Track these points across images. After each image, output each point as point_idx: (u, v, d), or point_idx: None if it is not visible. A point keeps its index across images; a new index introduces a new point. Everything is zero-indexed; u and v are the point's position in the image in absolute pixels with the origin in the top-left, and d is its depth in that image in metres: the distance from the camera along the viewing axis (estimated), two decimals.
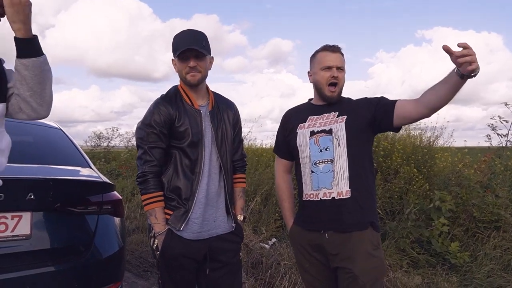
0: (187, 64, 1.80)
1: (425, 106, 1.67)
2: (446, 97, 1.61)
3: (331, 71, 1.86)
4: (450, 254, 3.66)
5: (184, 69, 1.82)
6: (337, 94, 1.89)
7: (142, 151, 1.81)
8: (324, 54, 1.90)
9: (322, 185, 1.83)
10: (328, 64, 1.87)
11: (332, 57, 1.88)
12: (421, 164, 4.66)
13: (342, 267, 1.78)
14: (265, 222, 4.80)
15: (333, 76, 1.85)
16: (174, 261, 1.79)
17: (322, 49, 1.92)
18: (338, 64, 1.87)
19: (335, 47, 1.90)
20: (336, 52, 1.89)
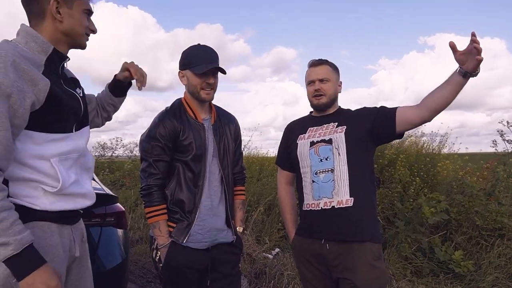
0: (205, 80, 1.82)
1: (427, 108, 1.72)
2: (448, 98, 1.67)
3: (314, 84, 1.95)
4: (454, 263, 3.65)
5: (200, 84, 1.83)
6: (326, 102, 1.95)
7: (147, 163, 1.84)
8: (309, 70, 2.01)
9: (323, 194, 1.85)
10: (310, 78, 1.98)
11: (314, 71, 1.97)
12: (423, 172, 4.66)
13: (344, 278, 1.80)
14: (268, 232, 4.81)
15: (315, 89, 1.94)
16: (177, 273, 1.81)
17: (308, 66, 2.03)
18: (319, 76, 1.95)
19: (318, 61, 1.99)
20: (320, 65, 1.98)
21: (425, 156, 4.98)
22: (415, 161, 4.82)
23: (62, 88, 1.32)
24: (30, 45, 1.26)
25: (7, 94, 1.11)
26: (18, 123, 1.16)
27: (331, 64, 2.00)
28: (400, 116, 1.78)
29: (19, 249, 1.09)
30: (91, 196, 1.43)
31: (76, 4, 1.33)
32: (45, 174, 1.25)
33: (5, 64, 1.12)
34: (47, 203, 1.26)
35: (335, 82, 1.98)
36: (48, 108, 1.23)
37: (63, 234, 1.34)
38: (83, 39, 1.39)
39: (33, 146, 1.22)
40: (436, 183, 4.68)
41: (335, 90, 1.97)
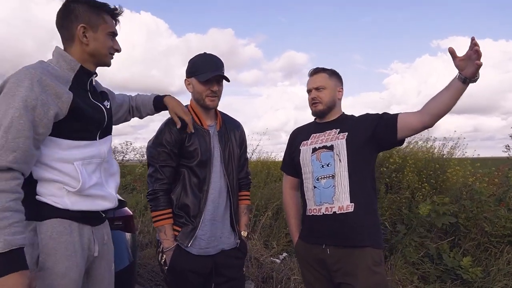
0: (210, 88, 1.88)
1: (428, 113, 1.74)
2: (448, 104, 1.69)
3: (311, 93, 2.03)
4: (462, 269, 3.61)
5: (205, 91, 1.89)
6: (322, 109, 2.01)
7: (153, 169, 1.89)
8: (308, 79, 2.08)
9: (324, 200, 1.89)
10: (308, 87, 2.06)
11: (311, 80, 2.05)
12: (432, 178, 4.64)
13: (344, 282, 1.82)
14: (276, 236, 4.82)
15: (312, 98, 2.02)
16: (182, 276, 1.85)
17: (308, 75, 2.09)
18: (315, 85, 2.01)
19: (315, 70, 2.06)
20: (316, 74, 2.04)
21: (434, 162, 4.95)
22: (424, 166, 4.80)
23: (88, 101, 1.49)
24: (61, 64, 1.45)
25: (32, 106, 1.27)
26: (43, 132, 1.32)
27: (328, 72, 2.04)
28: (401, 122, 1.80)
29: (5, 249, 1.17)
30: (112, 199, 1.55)
31: (101, 28, 1.49)
32: (68, 175, 1.39)
33: (31, 81, 1.29)
34: (69, 202, 1.40)
35: (333, 89, 2.01)
36: (72, 119, 1.39)
37: (83, 233, 1.46)
38: (107, 59, 1.56)
39: (58, 151, 1.39)
40: (445, 189, 4.65)
41: (332, 96, 2.01)
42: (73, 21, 1.46)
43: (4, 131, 1.23)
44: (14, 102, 1.26)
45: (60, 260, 1.35)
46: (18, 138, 1.24)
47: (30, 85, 1.28)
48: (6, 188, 1.21)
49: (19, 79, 1.29)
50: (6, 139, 1.23)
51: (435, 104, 1.72)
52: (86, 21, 1.46)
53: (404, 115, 1.82)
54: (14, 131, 1.23)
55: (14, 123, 1.24)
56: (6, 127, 1.23)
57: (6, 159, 1.22)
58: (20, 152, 1.24)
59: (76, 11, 1.46)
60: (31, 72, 1.31)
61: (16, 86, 1.28)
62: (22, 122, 1.25)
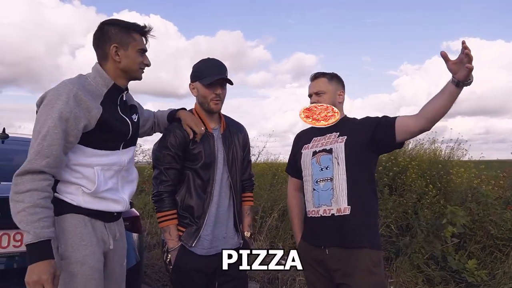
0: (214, 91, 1.93)
1: (424, 117, 1.75)
2: (443, 107, 1.69)
3: (311, 98, 2.09)
4: (467, 272, 3.62)
5: (210, 95, 1.94)
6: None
7: (158, 171, 1.95)
8: (309, 85, 2.14)
9: (323, 202, 1.92)
10: (309, 92, 2.12)
11: (311, 85, 2.11)
12: (436, 179, 4.63)
13: (343, 283, 1.85)
14: (282, 238, 4.85)
15: (312, 103, 2.07)
16: (186, 275, 1.91)
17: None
18: (314, 90, 2.07)
19: (315, 75, 2.11)
20: (315, 79, 2.09)
21: (437, 163, 4.93)
22: (428, 168, 4.79)
23: (116, 115, 1.65)
24: (97, 80, 1.62)
25: (66, 118, 1.46)
26: (72, 141, 1.50)
27: (328, 76, 2.08)
28: (399, 126, 1.82)
29: (34, 240, 1.36)
30: (123, 204, 1.71)
31: (131, 46, 1.65)
32: (86, 178, 1.57)
33: (68, 95, 1.47)
34: (82, 201, 1.57)
35: (333, 93, 2.05)
36: (98, 131, 1.56)
37: (95, 227, 1.61)
38: (138, 73, 1.71)
39: (83, 157, 1.56)
40: (450, 191, 4.63)
41: (332, 100, 2.05)
42: (106, 41, 1.62)
43: (42, 139, 1.43)
44: (52, 113, 1.44)
45: (77, 250, 1.51)
46: (52, 145, 1.43)
47: (66, 99, 1.46)
48: (38, 187, 1.40)
49: (59, 93, 1.48)
50: (42, 146, 1.42)
51: (430, 108, 1.73)
52: (118, 41, 1.62)
53: (402, 119, 1.84)
54: (49, 139, 1.43)
55: (50, 132, 1.43)
56: (44, 135, 1.43)
57: (40, 164, 1.41)
58: (52, 158, 1.43)
59: (109, 32, 1.62)
60: (69, 87, 1.49)
61: (55, 99, 1.47)
62: (57, 132, 1.43)
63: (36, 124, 1.47)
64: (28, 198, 1.38)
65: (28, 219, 1.36)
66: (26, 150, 3.00)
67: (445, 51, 1.62)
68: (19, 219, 1.37)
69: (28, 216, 1.36)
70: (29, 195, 1.38)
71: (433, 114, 1.72)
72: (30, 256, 1.37)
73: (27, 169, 1.40)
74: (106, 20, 1.67)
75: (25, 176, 1.40)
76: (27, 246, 1.37)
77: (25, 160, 1.42)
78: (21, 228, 1.37)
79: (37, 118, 1.48)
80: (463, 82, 1.61)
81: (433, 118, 1.73)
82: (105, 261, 1.67)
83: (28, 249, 1.37)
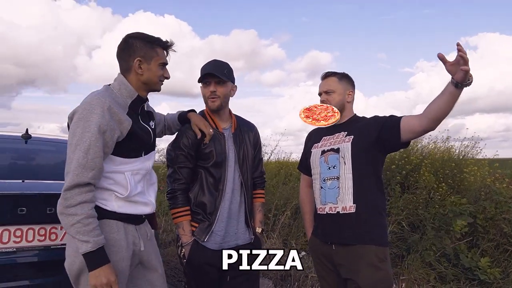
0: (209, 89, 2.03)
1: (427, 117, 1.77)
2: (445, 108, 1.71)
3: (321, 96, 2.13)
4: (480, 270, 3.61)
5: (206, 93, 2.04)
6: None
7: (172, 170, 2.05)
8: (319, 84, 2.18)
9: (329, 200, 1.98)
10: (318, 91, 2.16)
11: (321, 84, 2.16)
12: (449, 178, 4.61)
13: (349, 278, 1.91)
14: (295, 235, 4.90)
15: (321, 101, 2.12)
16: (199, 269, 1.99)
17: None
18: (324, 89, 2.11)
19: (325, 74, 2.15)
20: (326, 78, 2.14)
21: (451, 161, 4.90)
22: (441, 166, 4.77)
23: (139, 124, 1.73)
24: (122, 91, 1.70)
25: (104, 131, 1.53)
26: (107, 151, 1.59)
27: (338, 75, 2.12)
28: (404, 126, 1.84)
29: (94, 248, 1.47)
30: (152, 206, 1.80)
31: (154, 60, 1.72)
32: (118, 184, 1.65)
33: (103, 109, 1.54)
34: (116, 206, 1.65)
35: (342, 92, 2.09)
36: (127, 140, 1.65)
37: (128, 232, 1.69)
38: (158, 85, 1.78)
39: (112, 165, 1.64)
40: (463, 189, 4.61)
41: (341, 100, 2.09)
42: (131, 54, 1.70)
43: (84, 152, 1.50)
44: (90, 127, 1.51)
45: (109, 255, 1.56)
46: (95, 158, 1.51)
47: (101, 113, 1.53)
48: (87, 199, 1.50)
49: (92, 106, 1.54)
50: (86, 159, 1.50)
51: (433, 108, 1.74)
52: (142, 54, 1.69)
53: (407, 119, 1.86)
54: (92, 152, 1.50)
55: (92, 145, 1.50)
56: (86, 148, 1.50)
57: (87, 176, 1.49)
58: (96, 169, 1.52)
59: (134, 46, 1.69)
60: (101, 100, 1.56)
61: (90, 112, 1.53)
62: (98, 145, 1.51)
63: (73, 137, 1.53)
64: (80, 211, 1.47)
65: (84, 230, 1.46)
66: (48, 150, 3.16)
67: (442, 54, 1.63)
68: (75, 231, 1.46)
69: (83, 227, 1.46)
70: (80, 207, 1.47)
71: (436, 114, 1.74)
72: (92, 263, 1.48)
73: (75, 183, 1.47)
74: (131, 33, 1.73)
75: (73, 190, 1.47)
76: (86, 255, 1.47)
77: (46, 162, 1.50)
78: (78, 239, 1.46)
79: (73, 131, 1.54)
80: (462, 83, 1.62)
81: (436, 118, 1.75)
82: (144, 261, 1.78)
83: (88, 257, 1.47)
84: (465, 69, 1.56)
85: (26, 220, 2.09)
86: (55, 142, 3.26)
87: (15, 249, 2.06)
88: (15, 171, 2.76)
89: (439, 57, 1.65)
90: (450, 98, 1.68)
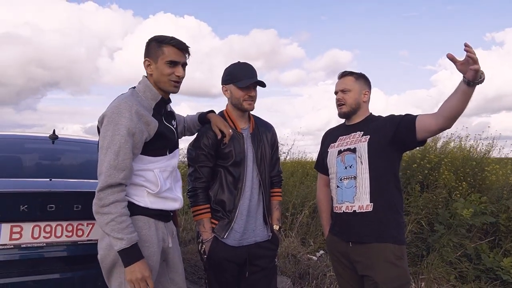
0: (248, 93, 2.08)
1: (442, 116, 1.77)
2: (458, 106, 1.71)
3: (337, 95, 2.15)
4: (502, 270, 3.56)
5: (243, 96, 2.08)
6: (346, 110, 2.13)
7: (193, 169, 2.11)
8: (336, 82, 2.20)
9: (346, 199, 2.01)
10: (335, 90, 2.18)
11: (338, 82, 2.18)
12: (470, 176, 4.54)
13: (366, 275, 1.93)
14: (313, 234, 4.93)
15: (337, 99, 2.15)
16: (219, 265, 2.05)
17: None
18: (340, 88, 2.13)
19: (343, 73, 2.18)
20: (343, 77, 2.16)
21: (471, 160, 4.82)
22: (461, 165, 4.70)
23: (163, 124, 1.79)
24: (146, 94, 1.77)
25: (132, 133, 1.61)
26: (136, 152, 1.66)
27: (355, 75, 2.14)
28: (419, 124, 1.85)
29: (129, 245, 1.55)
30: (180, 201, 1.87)
31: (160, 59, 1.74)
32: (149, 181, 1.72)
33: (131, 112, 1.61)
34: (148, 202, 1.72)
35: (358, 91, 2.11)
36: (154, 140, 1.72)
37: (158, 228, 1.76)
38: (167, 85, 1.78)
39: (141, 164, 1.71)
40: (485, 188, 4.53)
41: (357, 99, 2.11)
42: (145, 57, 1.78)
43: (115, 154, 1.57)
44: (119, 130, 1.58)
45: (141, 251, 1.61)
46: (125, 159, 1.58)
47: (130, 116, 1.60)
48: (119, 198, 1.57)
49: (120, 110, 1.60)
50: (118, 161, 1.57)
51: (447, 106, 1.75)
52: (151, 55, 1.76)
53: (422, 117, 1.86)
54: (122, 154, 1.58)
55: (122, 148, 1.57)
56: (116, 150, 1.57)
57: (119, 177, 1.57)
58: (127, 170, 1.59)
59: (147, 48, 1.77)
60: (129, 104, 1.63)
61: (118, 116, 1.59)
62: (128, 147, 1.59)
63: (103, 140, 1.60)
64: (114, 210, 1.55)
65: (118, 228, 1.54)
66: (74, 150, 3.26)
67: (451, 54, 1.64)
68: (110, 229, 1.54)
69: (117, 225, 1.54)
70: (114, 206, 1.55)
71: (451, 113, 1.74)
72: (127, 259, 1.56)
73: (108, 184, 1.55)
74: (152, 37, 1.79)
75: (106, 190, 1.55)
76: (121, 252, 1.55)
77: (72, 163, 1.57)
78: (113, 236, 1.54)
79: (103, 135, 1.61)
80: (473, 81, 1.62)
81: (451, 117, 1.75)
82: (168, 258, 1.85)
83: (123, 253, 1.55)
84: (475, 68, 1.56)
85: (54, 217, 2.18)
86: (80, 143, 3.39)
87: (45, 244, 2.16)
88: (43, 170, 2.88)
89: (448, 57, 1.65)
90: (463, 96, 1.68)
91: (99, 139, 1.65)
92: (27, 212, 2.11)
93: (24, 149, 3.10)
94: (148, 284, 1.58)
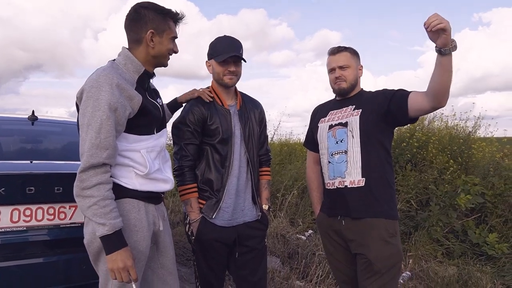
0: (227, 68, 2.00)
1: (430, 94, 1.71)
2: (441, 80, 1.63)
3: (335, 72, 2.04)
4: (488, 246, 3.62)
5: (223, 72, 2.01)
6: (346, 87, 2.03)
7: (178, 147, 2.04)
8: (329, 59, 2.09)
9: (337, 174, 1.97)
10: (331, 66, 2.07)
11: (334, 59, 2.06)
12: (457, 154, 4.57)
13: (359, 253, 1.91)
14: (302, 214, 4.95)
15: (336, 77, 2.03)
16: (207, 245, 2.00)
17: (328, 54, 2.10)
18: (339, 63, 2.03)
19: (337, 48, 2.07)
20: (339, 53, 2.05)
21: (458, 138, 4.86)
22: (449, 143, 4.73)
23: (148, 100, 1.66)
24: (128, 66, 1.62)
25: (114, 108, 1.47)
26: (120, 129, 1.53)
27: (350, 50, 2.06)
28: (411, 102, 1.79)
29: (111, 231, 1.43)
30: (170, 182, 1.76)
31: (166, 33, 1.65)
32: (137, 162, 1.59)
33: (111, 86, 1.47)
34: (137, 184, 1.60)
35: (355, 67, 2.05)
36: (139, 117, 1.59)
37: (148, 211, 1.66)
38: (166, 60, 1.72)
39: (126, 143, 1.58)
40: (471, 166, 4.58)
41: (355, 75, 2.04)
42: (142, 26, 1.60)
43: (96, 132, 1.43)
44: (100, 105, 1.44)
45: (130, 235, 1.54)
46: (108, 137, 1.45)
47: (110, 90, 1.46)
48: (103, 180, 1.45)
49: (99, 84, 1.46)
50: (100, 139, 1.43)
51: (432, 84, 1.68)
52: (155, 27, 1.61)
53: (414, 95, 1.80)
54: (104, 131, 1.44)
55: (103, 124, 1.44)
56: (98, 128, 1.43)
57: (102, 156, 1.44)
58: (111, 149, 1.46)
59: (146, 17, 1.60)
60: (109, 77, 1.48)
61: (98, 90, 1.45)
62: (110, 123, 1.45)
63: (83, 117, 1.47)
64: (96, 192, 1.42)
65: (101, 212, 1.41)
66: (54, 131, 3.16)
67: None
68: (92, 213, 1.42)
69: (100, 209, 1.42)
70: (96, 189, 1.42)
71: (435, 89, 1.67)
72: (109, 246, 1.44)
73: (90, 164, 1.42)
74: (142, 3, 1.64)
75: (89, 171, 1.42)
76: (103, 238, 1.43)
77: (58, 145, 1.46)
78: (95, 221, 1.42)
79: (83, 111, 1.47)
80: (444, 48, 1.54)
81: (438, 93, 1.67)
82: (158, 241, 1.75)
83: (105, 240, 1.43)
84: (440, 27, 1.47)
85: (35, 200, 2.10)
86: (61, 124, 3.27)
87: (25, 227, 2.08)
88: (23, 152, 2.78)
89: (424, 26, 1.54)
90: (442, 68, 1.60)
91: (79, 116, 1.51)
92: (5, 196, 2.02)
93: (2, 130, 2.98)
94: (130, 273, 1.46)
